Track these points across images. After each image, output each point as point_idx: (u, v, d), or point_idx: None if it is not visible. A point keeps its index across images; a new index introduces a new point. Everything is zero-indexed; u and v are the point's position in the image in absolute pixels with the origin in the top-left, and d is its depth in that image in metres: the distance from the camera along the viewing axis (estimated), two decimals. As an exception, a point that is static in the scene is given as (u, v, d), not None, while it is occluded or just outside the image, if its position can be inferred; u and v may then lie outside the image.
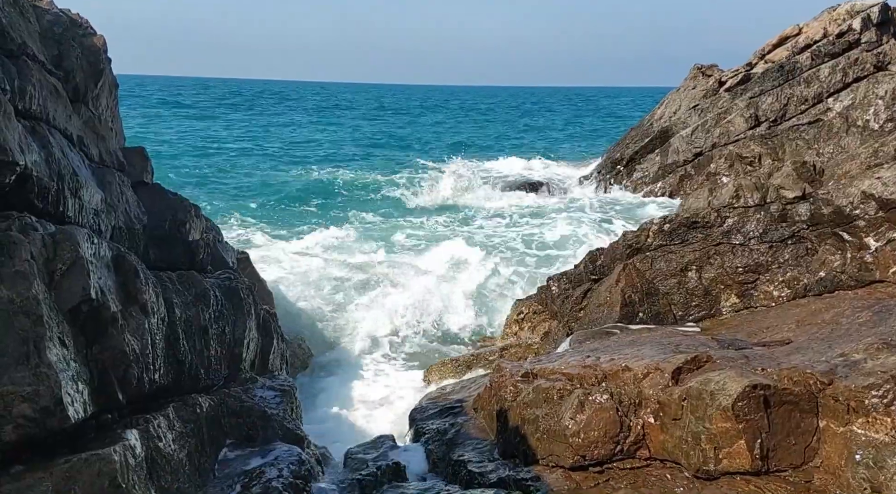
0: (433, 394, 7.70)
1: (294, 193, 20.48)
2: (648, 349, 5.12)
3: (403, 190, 20.74)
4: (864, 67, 12.73)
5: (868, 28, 13.47)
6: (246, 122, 44.18)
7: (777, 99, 13.62)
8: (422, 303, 11.36)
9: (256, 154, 29.61)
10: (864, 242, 7.40)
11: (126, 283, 3.93)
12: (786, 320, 6.56)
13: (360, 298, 11.38)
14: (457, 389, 7.60)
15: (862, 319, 4.81)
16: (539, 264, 12.62)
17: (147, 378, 3.90)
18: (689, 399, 4.12)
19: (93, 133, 4.40)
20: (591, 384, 4.78)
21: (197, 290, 5.13)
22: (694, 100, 16.07)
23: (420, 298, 11.44)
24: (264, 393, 5.67)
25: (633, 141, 17.48)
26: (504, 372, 5.68)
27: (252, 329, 6.17)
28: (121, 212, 4.69)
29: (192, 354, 4.83)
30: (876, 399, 3.49)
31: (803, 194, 8.33)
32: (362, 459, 5.67)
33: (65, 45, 4.10)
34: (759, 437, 3.80)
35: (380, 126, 44.66)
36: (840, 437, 3.62)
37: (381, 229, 15.92)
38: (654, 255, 9.14)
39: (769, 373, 3.99)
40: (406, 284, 11.91)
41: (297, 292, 11.10)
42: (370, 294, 11.44)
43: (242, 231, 15.15)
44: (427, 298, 11.44)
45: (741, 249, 8.66)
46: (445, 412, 6.58)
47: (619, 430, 4.44)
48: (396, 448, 5.97)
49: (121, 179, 4.82)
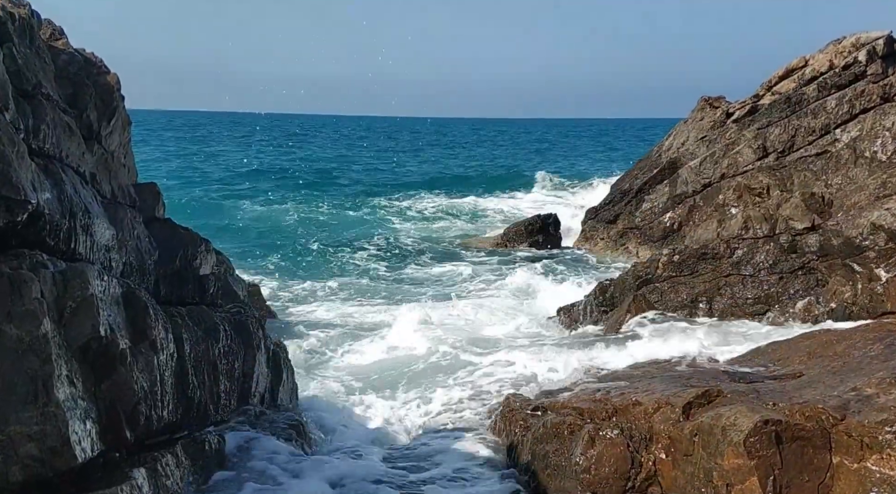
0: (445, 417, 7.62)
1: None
2: (659, 382, 5.08)
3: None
4: (871, 98, 12.76)
5: (874, 60, 13.55)
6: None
7: (785, 130, 13.66)
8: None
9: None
10: (875, 273, 7.36)
11: (136, 319, 3.95)
12: (797, 352, 6.48)
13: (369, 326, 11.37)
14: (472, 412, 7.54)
15: (874, 352, 4.75)
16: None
17: (155, 416, 3.90)
18: (701, 435, 4.07)
19: (105, 170, 4.48)
20: (602, 418, 4.74)
21: (207, 325, 5.15)
22: (702, 131, 16.14)
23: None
24: (274, 428, 5.65)
25: (641, 172, 17.53)
26: (514, 406, 5.65)
27: (261, 364, 6.16)
28: (131, 248, 4.74)
29: (201, 390, 4.83)
30: (890, 435, 3.43)
31: (812, 225, 8.33)
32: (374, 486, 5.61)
33: (79, 85, 4.21)
34: (772, 474, 3.74)
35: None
36: (854, 474, 3.56)
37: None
38: (664, 286, 9.13)
39: (781, 408, 3.94)
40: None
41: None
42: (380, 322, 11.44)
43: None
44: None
45: (751, 280, 8.63)
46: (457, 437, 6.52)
47: (630, 466, 4.38)
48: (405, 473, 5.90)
49: (132, 215, 4.88)
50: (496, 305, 11.75)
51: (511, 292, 12.87)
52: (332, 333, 10.63)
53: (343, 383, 9.38)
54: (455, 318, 11.04)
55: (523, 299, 12.28)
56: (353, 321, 11.57)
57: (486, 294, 13.02)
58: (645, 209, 16.33)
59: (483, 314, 11.14)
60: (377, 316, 11.76)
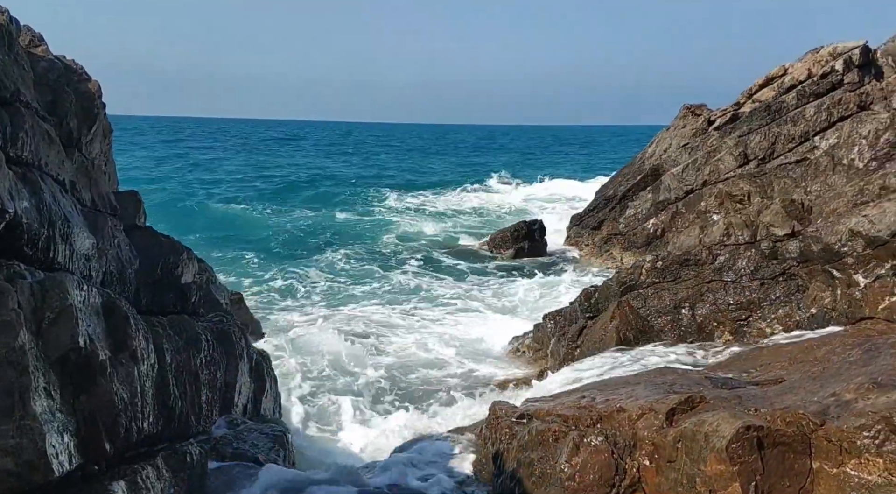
0: (426, 433, 7.62)
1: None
2: (643, 389, 5.10)
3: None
4: (848, 106, 12.97)
5: (850, 69, 13.79)
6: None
7: (765, 137, 13.84)
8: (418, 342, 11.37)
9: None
10: (854, 278, 7.45)
11: (116, 330, 3.90)
12: (778, 357, 6.55)
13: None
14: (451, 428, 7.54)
15: (853, 357, 4.81)
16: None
17: (136, 427, 3.85)
18: (684, 441, 4.09)
19: (85, 178, 4.43)
20: (587, 425, 4.74)
21: (188, 334, 5.10)
22: (684, 138, 16.31)
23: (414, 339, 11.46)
24: (256, 439, 5.60)
25: (625, 179, 17.66)
26: (499, 414, 5.64)
27: (244, 373, 6.12)
28: (112, 257, 4.69)
29: (182, 400, 4.78)
30: (868, 440, 3.47)
31: (792, 232, 8.41)
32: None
33: (59, 92, 4.16)
34: (754, 479, 3.76)
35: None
36: (833, 479, 3.59)
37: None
38: (648, 292, 9.17)
39: (762, 414, 3.97)
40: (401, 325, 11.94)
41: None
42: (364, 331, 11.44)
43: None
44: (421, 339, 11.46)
45: (733, 286, 8.70)
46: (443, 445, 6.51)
47: (614, 473, 4.39)
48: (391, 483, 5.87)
49: (113, 224, 4.84)
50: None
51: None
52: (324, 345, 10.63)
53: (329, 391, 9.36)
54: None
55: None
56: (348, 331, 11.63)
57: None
58: (629, 216, 16.45)
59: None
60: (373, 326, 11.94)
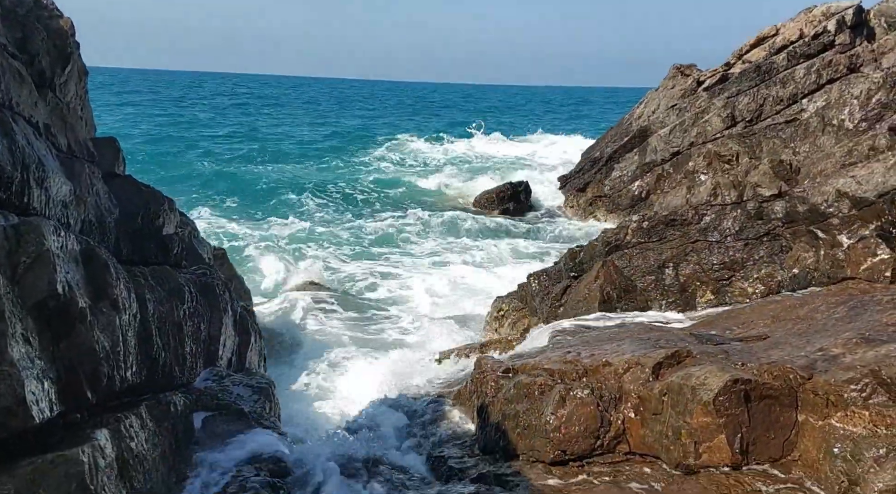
0: (415, 387, 7.65)
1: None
2: (628, 344, 5.11)
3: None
4: (838, 68, 12.89)
5: (842, 30, 13.65)
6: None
7: (753, 99, 13.75)
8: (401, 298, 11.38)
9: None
10: (838, 239, 7.48)
11: (96, 278, 3.80)
12: (761, 315, 6.60)
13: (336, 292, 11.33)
14: (440, 382, 7.56)
15: (838, 314, 4.84)
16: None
17: (118, 376, 3.78)
18: (670, 394, 4.10)
19: (61, 121, 4.26)
20: (573, 379, 4.75)
21: (171, 285, 5.01)
22: (672, 99, 16.18)
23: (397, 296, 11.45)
24: (241, 391, 5.56)
25: (612, 140, 17.56)
26: (485, 368, 5.64)
27: (228, 326, 6.05)
28: (91, 204, 4.55)
29: (165, 351, 4.71)
30: (855, 393, 3.50)
31: (779, 192, 8.41)
32: (342, 450, 5.61)
33: (28, 28, 3.95)
34: (740, 431, 3.79)
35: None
36: (818, 431, 3.63)
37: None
38: (633, 252, 9.18)
39: (749, 368, 3.99)
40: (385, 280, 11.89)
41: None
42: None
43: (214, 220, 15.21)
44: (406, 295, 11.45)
45: (717, 246, 8.72)
46: (428, 406, 6.53)
47: (599, 425, 4.41)
48: (376, 439, 5.91)
49: (91, 171, 4.68)
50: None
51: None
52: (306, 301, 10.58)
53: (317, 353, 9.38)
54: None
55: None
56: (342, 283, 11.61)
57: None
58: (614, 178, 16.40)
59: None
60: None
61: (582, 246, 10.19)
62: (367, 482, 4.85)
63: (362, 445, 5.74)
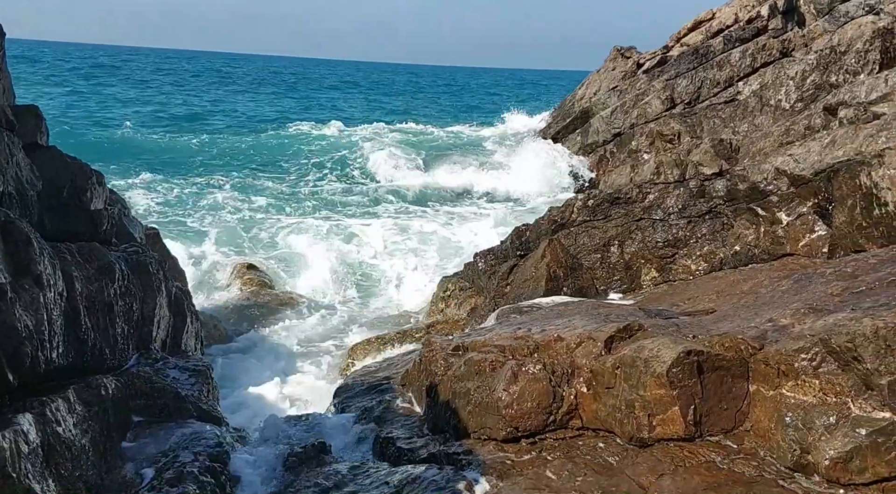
0: (359, 372, 7.47)
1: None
2: (579, 319, 5.09)
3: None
4: (771, 52, 13.27)
5: (775, 15, 14.06)
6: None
7: (692, 82, 14.03)
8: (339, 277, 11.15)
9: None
10: (777, 216, 7.68)
11: (16, 252, 3.49)
12: (706, 291, 6.72)
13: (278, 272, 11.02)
14: (383, 366, 7.41)
15: (783, 287, 4.94)
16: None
17: (43, 357, 3.50)
18: (623, 367, 4.09)
19: (-27, 84, 3.88)
20: (524, 355, 4.70)
21: (100, 263, 4.68)
22: (613, 81, 16.37)
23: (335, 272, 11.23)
24: (177, 374, 5.29)
25: (555, 121, 17.67)
26: (434, 346, 5.53)
27: (163, 307, 5.74)
28: (10, 176, 4.19)
29: (95, 332, 4.40)
30: (805, 362, 3.55)
31: (720, 171, 8.58)
32: (285, 437, 5.42)
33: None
34: (693, 403, 3.81)
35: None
36: (770, 401, 3.68)
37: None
38: (578, 230, 9.22)
39: (701, 340, 4.01)
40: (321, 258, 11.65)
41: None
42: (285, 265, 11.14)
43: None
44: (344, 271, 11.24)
45: (661, 224, 8.84)
46: (372, 390, 6.38)
47: (552, 400, 4.37)
48: (320, 425, 5.74)
49: (10, 140, 4.31)
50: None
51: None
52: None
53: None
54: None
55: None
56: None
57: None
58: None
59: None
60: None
61: (528, 225, 10.18)
62: (312, 468, 4.68)
63: (306, 430, 5.58)
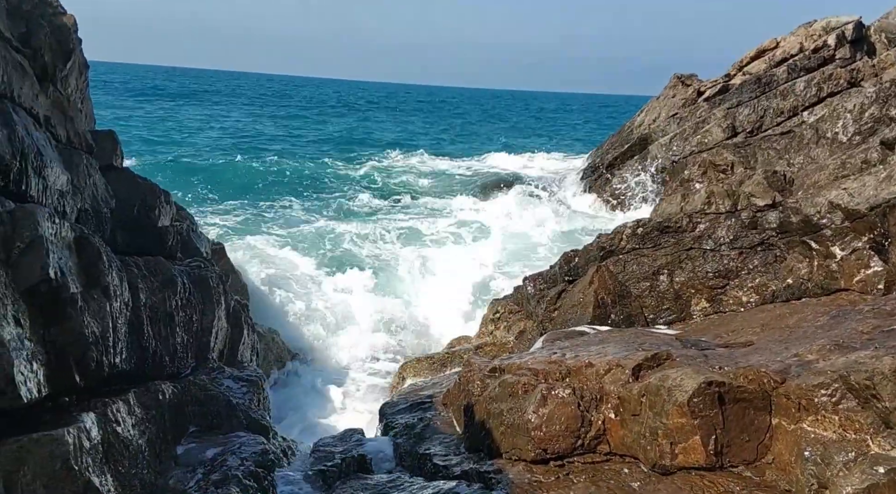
0: (405, 390, 7.72)
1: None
2: (613, 346, 5.19)
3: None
4: (838, 82, 12.97)
5: (842, 45, 13.74)
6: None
7: (754, 110, 13.83)
8: (402, 303, 11.42)
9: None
10: (830, 250, 7.53)
11: (88, 265, 3.90)
12: (751, 324, 6.67)
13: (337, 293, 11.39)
14: (428, 385, 7.63)
15: (820, 323, 4.91)
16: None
17: (107, 362, 3.87)
18: (648, 395, 4.17)
19: (61, 114, 4.36)
20: (556, 379, 4.83)
21: (164, 276, 5.10)
22: (673, 108, 16.27)
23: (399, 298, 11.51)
24: (231, 383, 5.65)
25: (612, 147, 17.65)
26: (473, 367, 5.72)
27: (221, 319, 6.14)
28: (87, 195, 4.66)
29: (156, 340, 4.80)
30: (825, 398, 3.57)
31: (773, 203, 8.46)
32: (329, 451, 5.68)
33: (33, 23, 4.07)
34: (714, 433, 3.86)
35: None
36: (791, 434, 3.70)
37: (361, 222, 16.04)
38: (627, 258, 9.24)
39: (725, 371, 4.06)
40: (386, 283, 11.97)
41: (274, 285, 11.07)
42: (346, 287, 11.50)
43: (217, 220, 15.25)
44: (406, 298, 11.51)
45: (712, 254, 8.78)
46: (415, 408, 6.60)
47: (580, 425, 4.48)
48: (364, 441, 5.99)
49: (88, 162, 4.79)
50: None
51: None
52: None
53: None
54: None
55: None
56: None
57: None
58: (615, 184, 16.49)
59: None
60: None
61: (577, 250, 10.25)
62: (350, 480, 4.92)
63: (351, 445, 5.82)
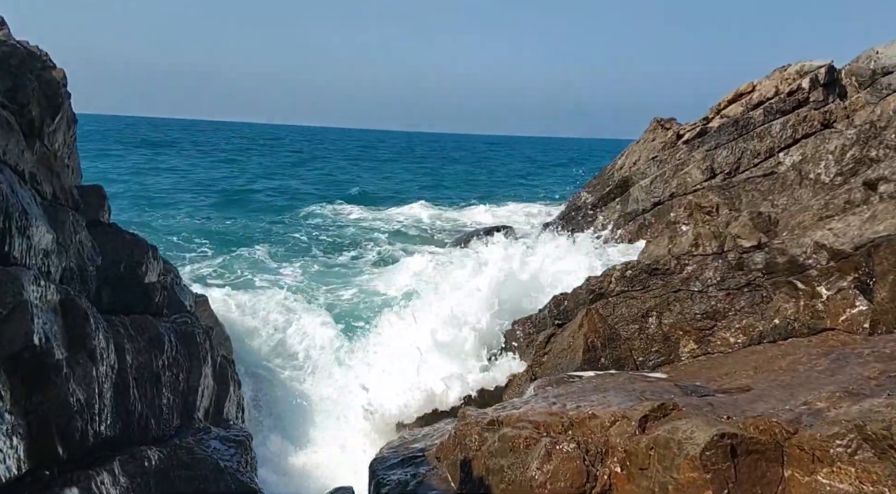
0: (394, 443, 7.49)
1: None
2: (614, 395, 5.08)
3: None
4: (812, 124, 13.29)
5: (816, 88, 14.14)
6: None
7: (732, 152, 14.09)
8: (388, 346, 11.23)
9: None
10: (817, 290, 7.57)
11: (74, 328, 3.74)
12: (743, 366, 6.62)
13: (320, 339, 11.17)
14: (419, 437, 7.41)
15: (820, 366, 4.86)
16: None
17: (92, 431, 3.68)
18: (657, 448, 4.06)
19: (47, 170, 4.24)
20: (558, 432, 4.70)
21: (151, 335, 4.93)
22: (653, 151, 16.52)
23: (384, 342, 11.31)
24: (218, 444, 5.43)
25: (594, 189, 17.82)
26: (469, 420, 5.56)
27: (207, 377, 5.95)
28: (73, 253, 4.51)
29: (142, 403, 4.60)
30: (840, 449, 3.49)
31: (759, 244, 8.53)
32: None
33: (20, 78, 3.98)
34: (726, 487, 3.75)
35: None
36: (805, 487, 3.60)
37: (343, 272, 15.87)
38: (616, 301, 9.20)
39: (735, 422, 3.97)
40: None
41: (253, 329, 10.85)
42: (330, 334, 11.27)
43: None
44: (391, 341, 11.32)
45: (700, 295, 8.78)
46: (407, 462, 6.38)
47: (585, 480, 4.34)
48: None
49: (74, 219, 4.65)
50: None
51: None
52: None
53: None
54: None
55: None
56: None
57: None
58: (597, 225, 16.58)
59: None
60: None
61: (566, 293, 10.20)
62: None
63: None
